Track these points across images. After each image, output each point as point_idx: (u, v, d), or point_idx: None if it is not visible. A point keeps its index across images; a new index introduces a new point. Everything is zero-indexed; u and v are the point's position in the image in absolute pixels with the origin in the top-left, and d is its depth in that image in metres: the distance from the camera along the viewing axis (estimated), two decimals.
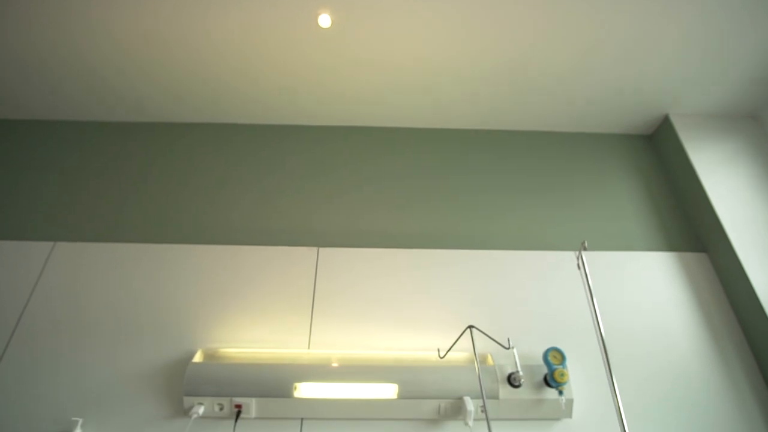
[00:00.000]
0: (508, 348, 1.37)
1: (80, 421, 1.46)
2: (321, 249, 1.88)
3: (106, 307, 1.72)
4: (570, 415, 1.56)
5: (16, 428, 1.48)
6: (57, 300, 1.73)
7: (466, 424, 1.45)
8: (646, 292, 1.85)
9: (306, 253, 1.86)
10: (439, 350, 1.53)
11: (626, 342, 1.71)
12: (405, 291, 1.79)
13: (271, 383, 1.50)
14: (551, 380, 1.51)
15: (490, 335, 1.45)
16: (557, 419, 1.57)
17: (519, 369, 1.51)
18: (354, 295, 1.77)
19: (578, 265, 1.51)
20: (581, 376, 1.64)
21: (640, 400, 1.60)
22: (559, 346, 1.64)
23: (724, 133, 2.17)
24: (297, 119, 2.28)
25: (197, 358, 1.56)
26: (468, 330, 1.46)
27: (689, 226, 2.06)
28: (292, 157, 2.19)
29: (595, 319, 1.43)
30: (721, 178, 2.03)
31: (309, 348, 1.65)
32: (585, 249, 1.40)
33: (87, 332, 1.67)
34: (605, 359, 1.39)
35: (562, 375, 1.49)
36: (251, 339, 1.66)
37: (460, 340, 1.57)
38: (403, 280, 1.82)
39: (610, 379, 1.37)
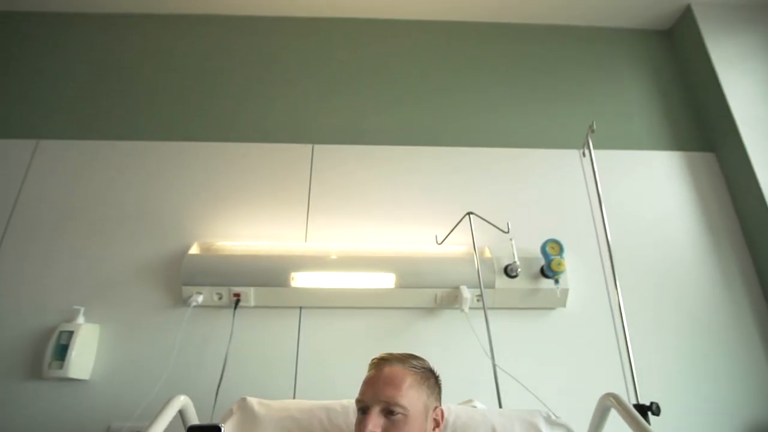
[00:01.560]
0: (507, 232, 1.35)
1: (82, 309, 1.48)
2: (315, 146, 1.81)
3: (98, 204, 1.69)
4: (564, 305, 1.58)
5: (21, 319, 1.50)
6: (47, 197, 1.69)
7: (462, 310, 1.47)
8: (648, 190, 1.81)
9: (300, 150, 1.80)
10: (437, 237, 1.52)
11: (625, 239, 1.69)
12: (402, 188, 1.75)
13: (267, 273, 1.50)
14: (548, 270, 1.52)
15: (488, 223, 1.43)
16: (552, 308, 1.60)
17: (516, 260, 1.51)
18: (350, 190, 1.74)
19: (583, 152, 1.45)
20: (577, 270, 1.64)
21: (634, 294, 1.61)
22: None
23: (746, 25, 2.02)
24: (291, 11, 2.10)
25: (193, 250, 1.55)
26: (467, 217, 1.44)
27: (699, 125, 1.97)
28: (286, 51, 2.04)
29: (599, 208, 1.40)
30: (739, 73, 1.91)
31: (306, 241, 1.64)
32: (593, 131, 1.33)
33: (80, 228, 1.65)
34: (607, 245, 1.37)
35: (559, 264, 1.49)
36: (246, 234, 1.65)
37: (458, 235, 1.55)
38: (400, 177, 1.77)
39: (611, 269, 1.37)
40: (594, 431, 0.98)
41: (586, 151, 1.40)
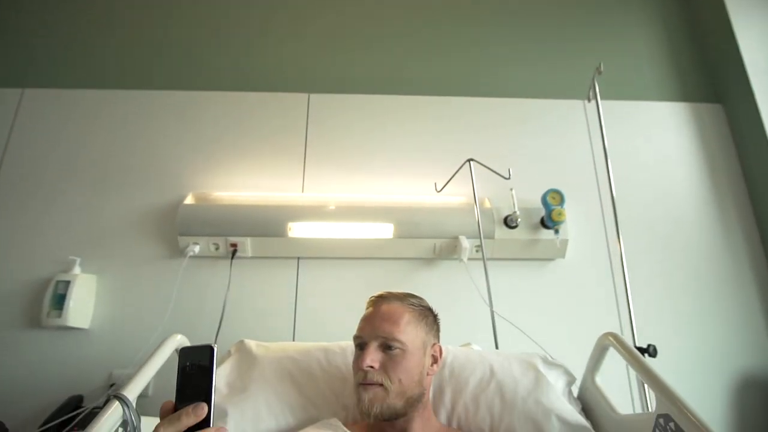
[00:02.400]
0: (508, 178, 1.32)
1: (78, 260, 1.47)
2: (312, 95, 1.75)
3: (90, 155, 1.65)
4: (563, 255, 1.58)
5: (16, 270, 1.49)
6: (36, 148, 1.65)
7: (461, 260, 1.46)
8: (653, 142, 1.77)
9: (296, 99, 1.74)
10: (436, 184, 1.49)
11: (626, 190, 1.66)
12: (401, 138, 1.71)
13: (264, 223, 1.48)
14: (548, 220, 1.50)
15: (489, 172, 1.40)
16: (551, 259, 1.59)
17: (516, 210, 1.49)
18: (348, 140, 1.70)
19: (588, 98, 1.40)
20: (577, 221, 1.63)
21: (634, 245, 1.58)
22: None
23: None
24: None
25: (188, 200, 1.53)
26: (467, 165, 1.40)
27: (708, 75, 1.91)
28: None
29: (603, 156, 1.36)
30: (755, 20, 1.83)
31: (303, 192, 1.61)
32: (600, 73, 1.28)
33: (73, 178, 1.61)
34: (610, 195, 1.35)
35: (560, 214, 1.47)
36: (242, 184, 1.62)
37: (458, 186, 1.52)
38: (399, 127, 1.73)
39: (613, 219, 1.35)
40: (592, 369, 0.99)
41: (592, 95, 1.35)
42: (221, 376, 0.98)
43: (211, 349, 0.52)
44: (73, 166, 1.63)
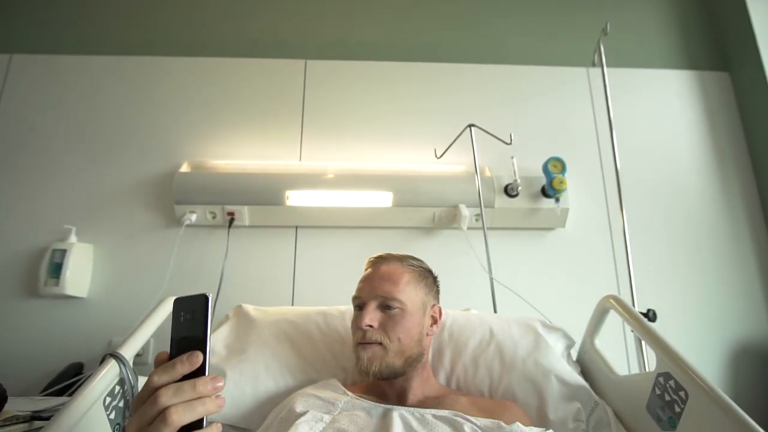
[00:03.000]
0: (510, 143, 1.29)
1: (73, 228, 1.45)
2: (309, 61, 1.70)
3: (82, 123, 1.61)
4: (563, 225, 1.56)
5: (10, 239, 1.48)
6: (27, 116, 1.61)
7: (461, 229, 1.45)
8: (656, 110, 1.74)
9: (292, 65, 1.69)
10: (435, 150, 1.46)
11: (628, 160, 1.63)
12: (400, 106, 1.67)
13: (261, 191, 1.46)
14: (549, 189, 1.48)
15: (489, 141, 1.37)
16: (551, 228, 1.58)
17: (517, 178, 1.47)
18: (345, 108, 1.66)
19: (593, 61, 1.36)
20: (578, 191, 1.61)
21: (635, 214, 1.56)
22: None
23: None
24: None
25: (184, 168, 1.50)
26: (467, 131, 1.38)
27: (716, 43, 1.86)
28: None
29: (608, 123, 1.33)
30: None
31: (300, 161, 1.59)
32: (606, 34, 1.24)
33: (67, 147, 1.58)
34: (614, 164, 1.32)
35: (561, 182, 1.45)
36: (238, 153, 1.59)
37: (458, 154, 1.49)
38: (397, 95, 1.69)
39: (616, 188, 1.33)
40: (592, 332, 0.99)
41: (597, 60, 1.31)
42: (219, 339, 0.98)
43: (206, 297, 0.50)
44: (67, 134, 1.59)
